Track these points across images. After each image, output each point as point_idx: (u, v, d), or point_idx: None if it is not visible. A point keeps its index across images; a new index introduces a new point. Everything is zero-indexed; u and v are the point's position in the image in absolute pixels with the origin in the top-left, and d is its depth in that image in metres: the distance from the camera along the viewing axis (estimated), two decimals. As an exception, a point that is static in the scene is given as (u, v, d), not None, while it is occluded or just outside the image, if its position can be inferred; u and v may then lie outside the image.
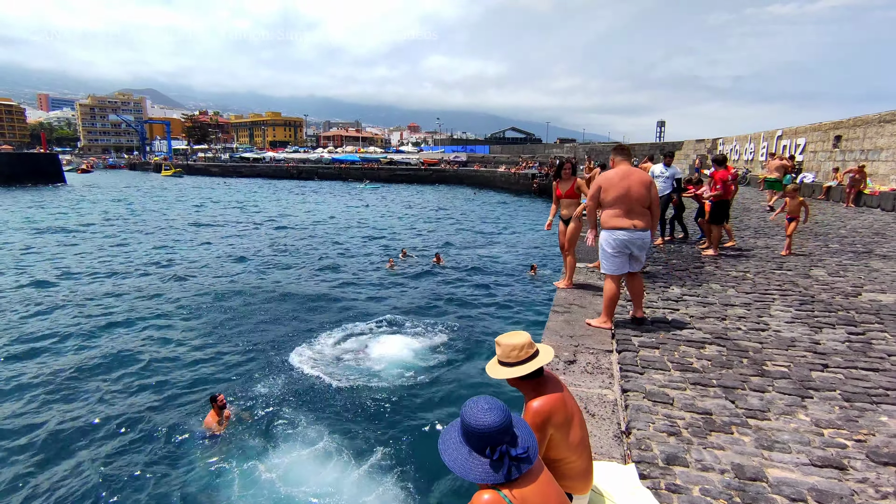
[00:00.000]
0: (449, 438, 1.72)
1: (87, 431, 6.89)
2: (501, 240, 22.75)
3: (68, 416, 7.23)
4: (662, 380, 3.82)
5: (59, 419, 7.15)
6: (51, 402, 7.65)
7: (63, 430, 6.89)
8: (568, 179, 6.57)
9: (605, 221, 4.84)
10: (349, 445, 6.35)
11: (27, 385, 8.14)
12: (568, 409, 2.18)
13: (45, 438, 6.70)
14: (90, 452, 6.41)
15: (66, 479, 5.89)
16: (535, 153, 66.51)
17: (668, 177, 9.41)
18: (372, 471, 5.92)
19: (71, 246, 20.23)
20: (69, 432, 6.86)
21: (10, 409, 7.44)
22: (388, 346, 9.50)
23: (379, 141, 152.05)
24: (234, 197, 44.65)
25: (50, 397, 7.80)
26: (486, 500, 1.58)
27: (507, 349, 2.21)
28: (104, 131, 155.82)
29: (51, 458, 6.33)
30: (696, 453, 2.87)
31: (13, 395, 7.82)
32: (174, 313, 11.76)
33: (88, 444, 6.58)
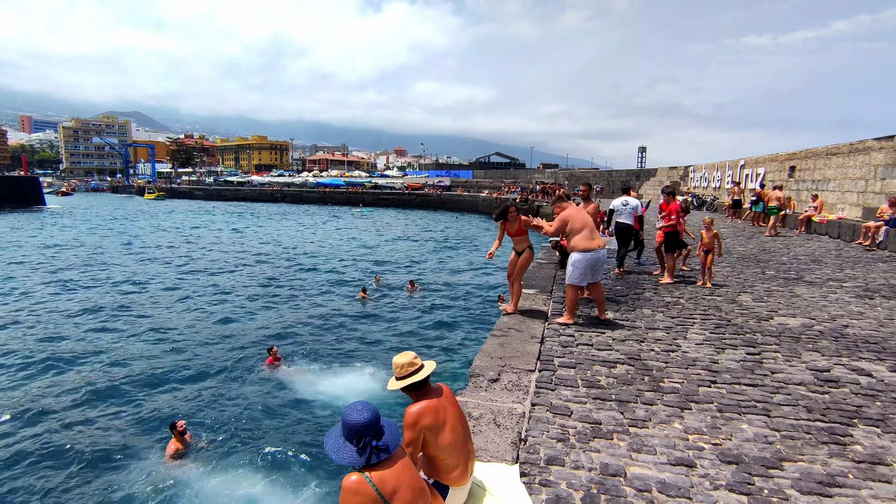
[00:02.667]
0: (332, 433, 2.25)
1: (45, 458, 7.14)
2: (478, 267, 23.31)
3: (23, 446, 7.47)
4: (569, 395, 4.36)
5: (15, 447, 7.38)
6: (9, 429, 7.90)
7: (20, 460, 7.11)
8: (514, 220, 7.06)
9: (574, 245, 6.33)
10: (302, 469, 6.70)
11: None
12: (440, 416, 2.70)
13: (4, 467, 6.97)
14: (45, 481, 6.67)
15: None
16: (518, 178, 67.91)
17: (631, 208, 10.07)
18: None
19: (38, 268, 20.36)
20: (25, 462, 7.08)
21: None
22: (352, 378, 9.86)
23: (365, 165, 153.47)
24: (217, 223, 44.79)
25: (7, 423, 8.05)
26: (353, 480, 2.09)
27: (396, 366, 2.76)
28: (87, 154, 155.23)
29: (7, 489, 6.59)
30: (574, 455, 3.40)
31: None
32: (136, 338, 12.03)
33: (45, 471, 6.84)
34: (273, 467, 6.89)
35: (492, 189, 62.91)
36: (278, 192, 77.59)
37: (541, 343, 5.78)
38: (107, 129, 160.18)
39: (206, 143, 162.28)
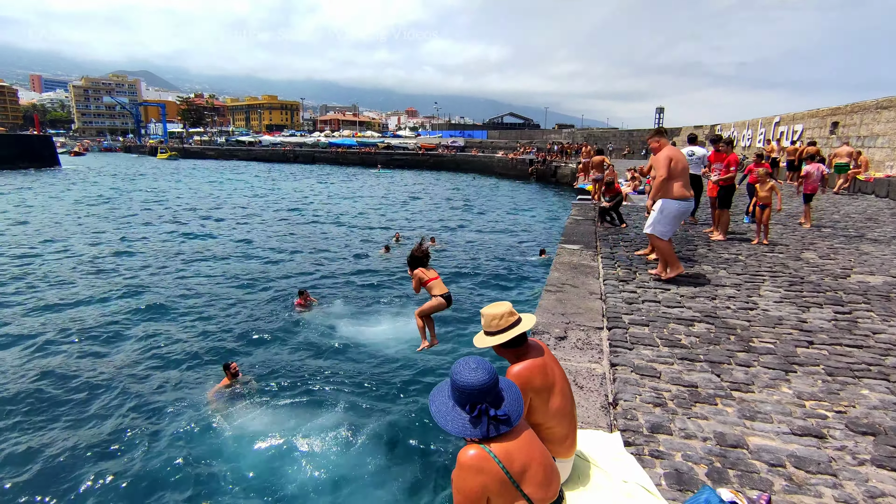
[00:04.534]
0: (438, 392, 1.78)
1: (100, 399, 6.93)
2: (500, 224, 22.70)
3: (81, 383, 7.29)
4: (651, 355, 3.89)
5: (70, 387, 7.20)
6: (62, 371, 7.69)
7: (77, 396, 6.93)
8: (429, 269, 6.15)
9: (671, 191, 5.61)
10: (349, 420, 6.38)
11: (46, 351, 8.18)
12: (549, 377, 2.23)
13: (69, 402, 6.76)
14: (102, 420, 6.46)
15: (80, 446, 5.97)
16: (533, 139, 66.30)
17: (698, 158, 9.35)
18: (369, 444, 5.97)
19: (81, 225, 20.16)
20: (83, 397, 6.92)
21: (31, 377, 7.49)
22: (388, 327, 9.56)
23: (376, 125, 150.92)
24: (235, 183, 44.41)
25: (63, 364, 7.85)
26: (472, 454, 1.64)
27: (489, 318, 2.26)
28: (98, 113, 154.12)
29: (68, 424, 6.38)
30: (679, 422, 2.95)
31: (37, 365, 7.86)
32: (187, 289, 11.78)
33: (102, 411, 6.63)
34: (314, 405, 6.67)
35: (507, 149, 61.41)
36: (291, 153, 76.62)
37: (602, 300, 5.30)
38: (117, 89, 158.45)
39: (216, 103, 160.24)
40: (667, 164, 5.59)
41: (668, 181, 5.60)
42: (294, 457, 5.71)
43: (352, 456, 5.73)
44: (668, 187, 5.63)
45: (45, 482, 5.30)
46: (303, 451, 5.81)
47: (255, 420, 6.36)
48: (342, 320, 9.89)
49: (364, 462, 5.62)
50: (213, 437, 6.09)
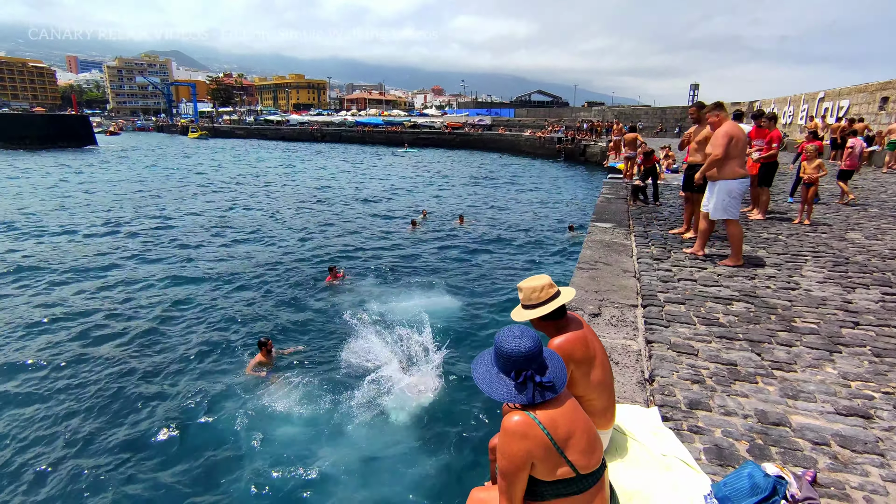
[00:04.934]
0: (481, 360, 1.80)
1: (134, 371, 7.22)
2: (528, 203, 22.48)
3: (116, 357, 7.60)
4: (687, 333, 3.83)
5: (108, 360, 7.51)
6: (99, 346, 8.04)
7: (114, 368, 7.23)
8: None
9: (730, 171, 5.32)
10: (381, 395, 6.44)
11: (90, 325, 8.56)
12: (589, 349, 2.22)
13: (105, 375, 7.08)
14: (135, 389, 6.74)
15: (115, 413, 6.25)
16: (562, 117, 65.02)
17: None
18: (402, 419, 6.04)
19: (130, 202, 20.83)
20: (120, 370, 7.20)
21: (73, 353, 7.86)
22: (417, 302, 9.60)
23: (402, 104, 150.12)
24: (267, 162, 44.99)
25: (99, 339, 8.20)
26: (516, 420, 1.65)
27: (528, 292, 2.24)
28: (132, 93, 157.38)
29: (105, 396, 6.68)
30: (719, 399, 2.91)
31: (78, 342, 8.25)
32: (219, 266, 12.10)
33: (134, 383, 6.91)
34: (345, 381, 6.75)
35: (535, 128, 60.42)
36: (318, 132, 77.03)
37: (636, 277, 5.22)
38: (149, 69, 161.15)
39: (244, 82, 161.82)
40: (725, 142, 5.27)
41: (725, 160, 5.30)
42: (326, 432, 5.78)
43: (384, 431, 5.80)
44: (724, 167, 5.33)
45: (85, 453, 5.52)
46: (335, 426, 5.89)
47: (288, 395, 6.47)
48: (372, 296, 10.00)
49: (397, 438, 5.69)
50: (247, 411, 6.19)
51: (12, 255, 12.84)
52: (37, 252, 13.27)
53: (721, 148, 5.28)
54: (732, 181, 5.34)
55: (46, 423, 6.03)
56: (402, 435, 5.75)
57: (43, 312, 9.24)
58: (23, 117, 62.90)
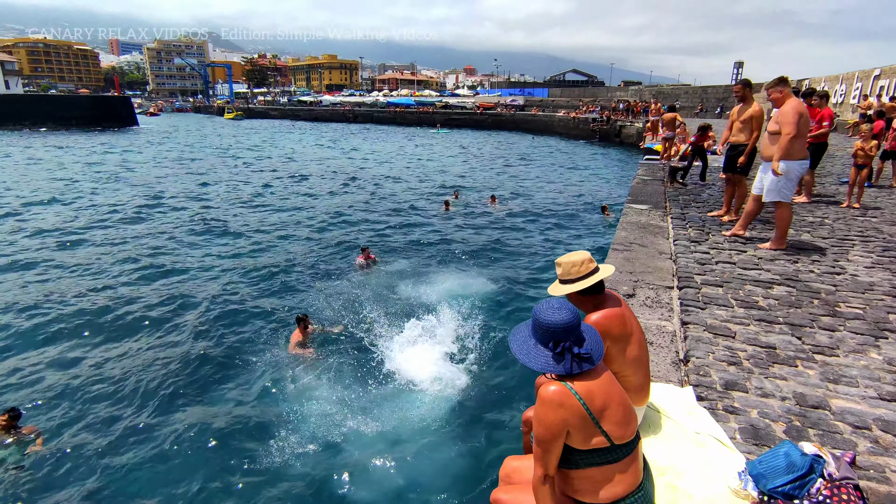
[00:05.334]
0: (518, 331, 1.84)
1: (169, 342, 7.57)
2: (561, 184, 22.17)
3: (160, 333, 7.97)
4: (725, 315, 3.78)
5: (149, 339, 7.88)
6: (141, 324, 8.44)
7: (154, 344, 7.59)
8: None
9: (796, 152, 5.07)
10: (412, 377, 6.53)
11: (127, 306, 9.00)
12: (626, 326, 2.23)
13: (136, 354, 7.46)
14: (176, 367, 7.07)
15: (157, 389, 6.58)
16: (597, 96, 63.31)
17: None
18: (434, 401, 6.10)
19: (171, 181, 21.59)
20: (159, 346, 7.55)
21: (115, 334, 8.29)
22: (450, 284, 9.67)
23: (434, 84, 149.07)
24: (301, 143, 45.60)
25: (140, 317, 8.61)
26: (553, 390, 1.69)
27: (567, 266, 2.25)
28: (170, 75, 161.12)
29: (139, 377, 7.02)
30: (756, 381, 2.88)
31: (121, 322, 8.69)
32: (252, 243, 12.46)
33: (176, 359, 7.24)
34: (378, 361, 6.87)
35: (569, 108, 59.14)
36: (350, 112, 77.36)
37: (672, 259, 5.15)
38: (186, 50, 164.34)
39: (278, 63, 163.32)
40: (796, 119, 4.97)
41: (795, 140, 5.04)
42: (359, 408, 5.86)
43: (417, 408, 5.87)
44: (793, 147, 5.06)
45: (131, 428, 5.74)
46: (368, 402, 5.96)
47: (323, 372, 6.62)
48: (404, 276, 10.10)
49: (431, 414, 5.74)
50: (282, 385, 6.39)
51: (66, 228, 13.51)
52: (85, 227, 13.91)
53: (793, 126, 4.98)
54: (793, 162, 5.09)
55: (92, 393, 6.36)
56: (436, 412, 5.84)
57: (86, 283, 9.75)
58: (69, 99, 65.37)
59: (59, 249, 12.01)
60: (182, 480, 4.85)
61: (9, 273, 10.39)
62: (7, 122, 52.03)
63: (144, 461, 5.14)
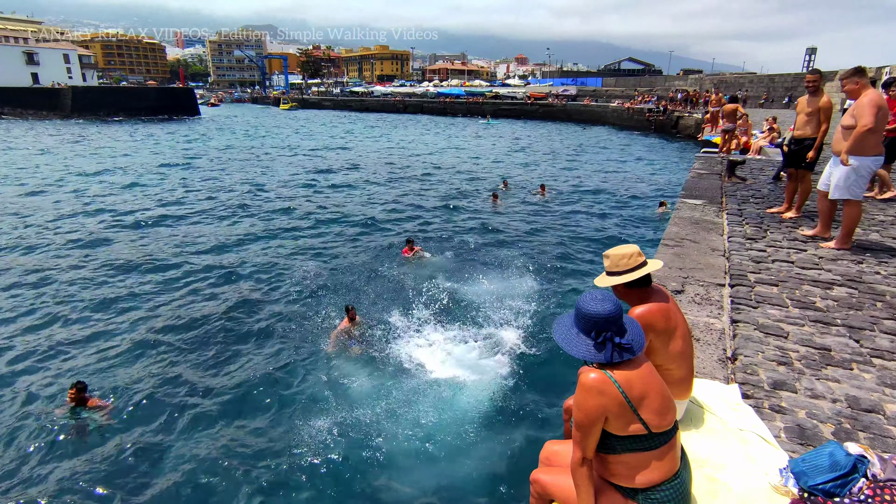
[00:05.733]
0: (562, 321, 1.92)
1: (219, 326, 7.99)
2: (613, 176, 21.65)
3: (206, 310, 8.47)
4: (778, 315, 3.70)
5: (203, 328, 8.29)
6: (199, 311, 9.00)
7: (209, 338, 7.94)
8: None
9: (869, 147, 4.85)
10: (454, 370, 6.63)
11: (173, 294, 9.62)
12: (671, 320, 2.26)
13: (196, 345, 7.95)
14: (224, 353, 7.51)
15: (207, 384, 7.03)
16: (654, 86, 61.03)
17: None
18: (474, 396, 6.18)
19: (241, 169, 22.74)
20: (214, 339, 7.88)
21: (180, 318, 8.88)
22: (494, 285, 9.65)
23: (485, 74, 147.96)
24: (353, 132, 46.55)
25: (197, 306, 9.18)
26: (593, 377, 1.77)
27: (616, 258, 2.30)
28: (230, 67, 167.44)
29: (193, 370, 7.50)
30: (806, 382, 2.84)
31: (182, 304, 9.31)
32: (300, 232, 12.98)
33: (225, 347, 7.67)
34: (419, 353, 6.99)
35: (623, 98, 57.42)
36: (400, 103, 78.12)
37: (725, 257, 5.03)
38: (245, 42, 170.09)
39: (332, 54, 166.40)
40: (874, 112, 4.68)
41: (871, 134, 4.76)
42: (401, 398, 5.99)
43: (460, 398, 5.99)
44: (868, 141, 4.79)
45: (181, 415, 6.01)
46: (411, 393, 6.09)
47: (366, 362, 6.84)
48: (449, 270, 10.17)
49: (473, 404, 5.86)
50: (326, 373, 6.64)
51: (136, 210, 14.51)
52: (149, 212, 14.87)
53: (871, 118, 4.68)
54: (867, 158, 4.82)
55: (137, 371, 6.87)
56: (479, 400, 5.95)
57: (138, 261, 10.60)
58: (139, 90, 69.48)
59: (130, 229, 12.92)
60: (220, 457, 5.16)
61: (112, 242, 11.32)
62: (85, 112, 56.06)
63: (192, 435, 5.54)
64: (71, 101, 57.14)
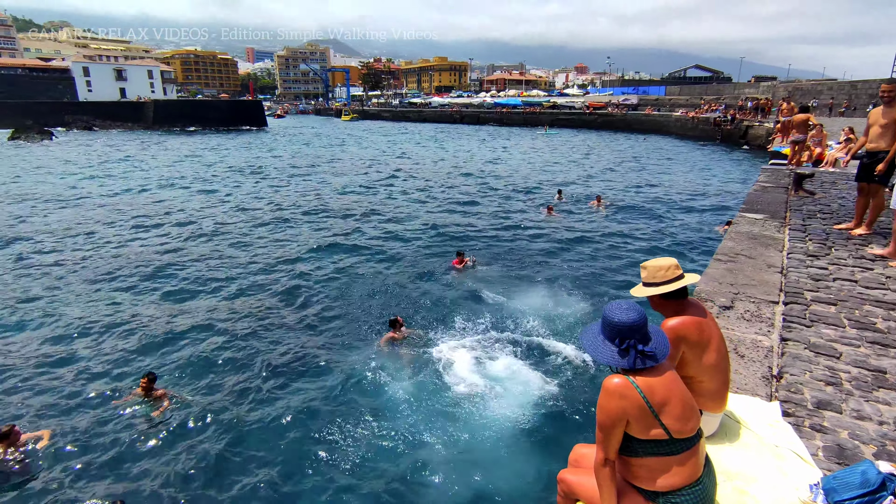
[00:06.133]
0: (589, 329, 2.04)
1: (269, 330, 8.48)
2: (673, 189, 20.98)
3: (261, 312, 9.00)
4: (832, 335, 3.59)
5: (257, 344, 8.83)
6: (246, 326, 9.57)
7: (259, 345, 8.48)
8: None
9: None
10: (497, 384, 6.69)
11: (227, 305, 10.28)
12: (704, 333, 2.30)
13: (242, 357, 8.47)
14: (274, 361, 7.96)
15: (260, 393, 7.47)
16: (722, 94, 58.53)
17: None
18: (517, 412, 6.18)
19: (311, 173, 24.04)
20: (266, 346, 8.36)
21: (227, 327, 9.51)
22: (546, 290, 9.63)
23: (543, 84, 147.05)
24: (409, 143, 47.64)
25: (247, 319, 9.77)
26: (616, 382, 1.87)
27: (653, 270, 2.38)
28: (296, 80, 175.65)
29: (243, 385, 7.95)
30: (854, 403, 2.77)
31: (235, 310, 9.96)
32: (357, 240, 13.51)
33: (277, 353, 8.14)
34: (466, 366, 7.10)
35: (688, 107, 55.40)
36: (457, 114, 79.06)
37: (782, 273, 4.88)
38: (310, 56, 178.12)
39: (392, 67, 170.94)
40: None
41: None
42: (445, 409, 6.13)
43: (502, 410, 6.05)
44: None
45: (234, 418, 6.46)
46: (455, 404, 6.20)
47: (412, 373, 7.03)
48: (497, 283, 10.16)
49: (506, 424, 5.86)
50: (372, 381, 6.88)
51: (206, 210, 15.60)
52: (217, 218, 15.92)
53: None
54: None
55: (213, 365, 7.40)
56: (516, 410, 6.00)
57: (205, 262, 11.41)
58: (212, 103, 74.47)
59: (193, 238, 13.90)
60: (268, 457, 5.50)
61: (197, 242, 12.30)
62: (164, 123, 60.90)
63: (247, 430, 5.94)
64: (153, 113, 62.15)
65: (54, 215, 16.46)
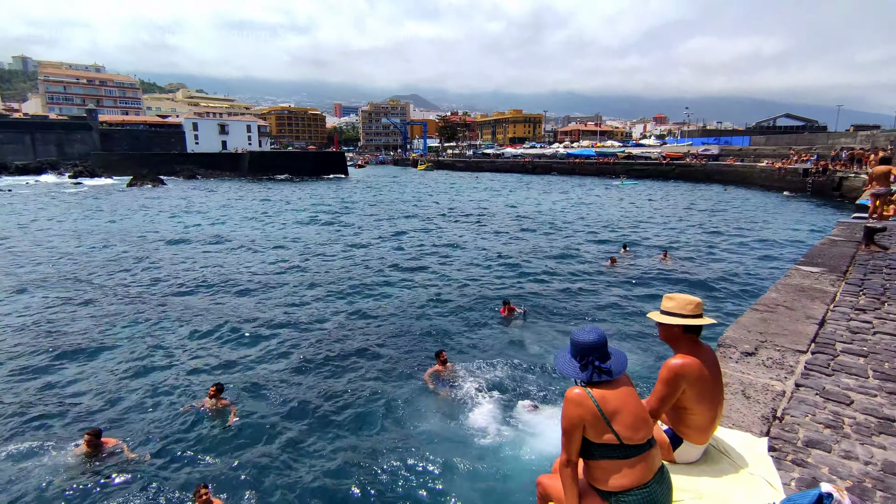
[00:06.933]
0: (562, 350, 2.40)
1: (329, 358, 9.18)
2: (751, 243, 20.02)
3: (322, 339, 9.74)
4: (852, 384, 3.61)
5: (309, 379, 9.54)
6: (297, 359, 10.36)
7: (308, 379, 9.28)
8: None
9: None
10: (528, 431, 6.84)
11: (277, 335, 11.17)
12: (703, 374, 2.55)
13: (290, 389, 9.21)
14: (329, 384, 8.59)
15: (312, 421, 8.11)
16: (814, 143, 55.31)
17: None
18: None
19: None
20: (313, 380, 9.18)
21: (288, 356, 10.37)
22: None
23: (619, 134, 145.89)
24: (477, 191, 49.04)
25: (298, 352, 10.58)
26: (576, 392, 2.22)
27: (682, 302, 2.65)
28: (377, 132, 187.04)
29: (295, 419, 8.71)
30: (847, 445, 2.85)
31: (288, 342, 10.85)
32: (412, 282, 14.23)
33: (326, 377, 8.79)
34: (501, 410, 7.32)
35: (774, 157, 52.77)
36: (529, 164, 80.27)
37: (819, 325, 4.85)
38: (391, 111, 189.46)
39: (467, 119, 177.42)
40: None
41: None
42: (475, 451, 6.43)
43: (518, 462, 6.21)
44: None
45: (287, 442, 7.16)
46: (478, 448, 6.49)
47: (451, 407, 7.43)
48: (542, 334, 10.27)
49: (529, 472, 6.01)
50: (413, 411, 7.39)
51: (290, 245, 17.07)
52: (300, 255, 17.34)
53: None
54: None
55: (271, 386, 8.19)
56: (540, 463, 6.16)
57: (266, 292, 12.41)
58: (300, 154, 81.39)
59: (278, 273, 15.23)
60: (311, 473, 6.04)
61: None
62: (258, 172, 67.36)
63: (295, 442, 6.61)
64: (248, 163, 68.77)
65: (162, 251, 18.72)
